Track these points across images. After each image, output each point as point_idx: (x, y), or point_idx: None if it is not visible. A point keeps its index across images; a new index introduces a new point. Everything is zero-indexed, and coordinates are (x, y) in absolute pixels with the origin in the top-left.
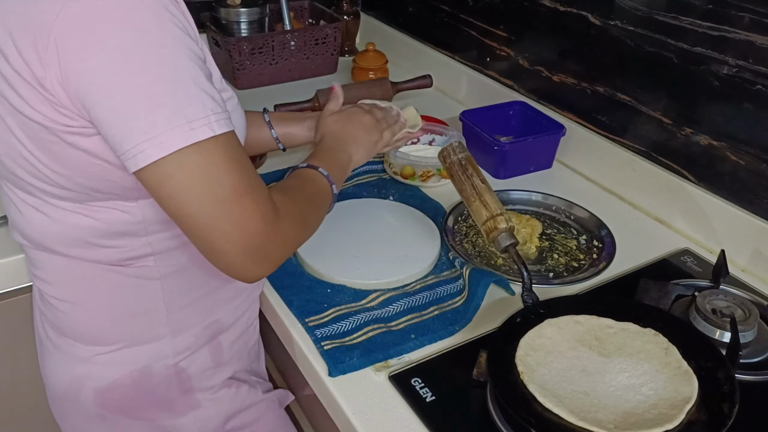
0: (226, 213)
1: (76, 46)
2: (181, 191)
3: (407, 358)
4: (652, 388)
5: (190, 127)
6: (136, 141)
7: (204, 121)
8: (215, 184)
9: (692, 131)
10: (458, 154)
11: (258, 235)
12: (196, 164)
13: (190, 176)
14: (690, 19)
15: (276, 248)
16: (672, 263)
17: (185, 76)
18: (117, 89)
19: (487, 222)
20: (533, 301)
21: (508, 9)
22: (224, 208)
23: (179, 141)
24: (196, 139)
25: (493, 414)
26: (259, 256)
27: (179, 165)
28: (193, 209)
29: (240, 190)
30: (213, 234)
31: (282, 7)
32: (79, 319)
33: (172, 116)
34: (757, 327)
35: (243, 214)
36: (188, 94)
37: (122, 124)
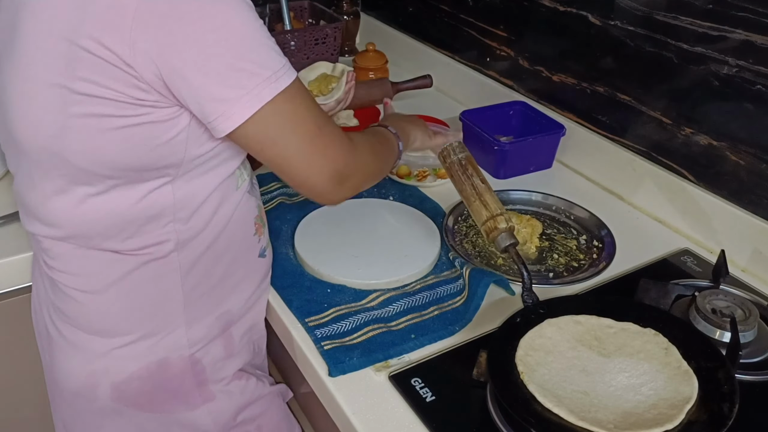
0: (316, 146)
1: (160, 23)
2: (281, 135)
3: (407, 358)
4: (652, 388)
5: (276, 77)
6: (236, 96)
7: (283, 70)
8: (303, 122)
9: (692, 131)
10: (458, 154)
11: (340, 161)
12: (287, 109)
13: (284, 120)
14: (690, 19)
15: (356, 173)
16: (672, 263)
17: (261, 33)
18: (208, 55)
19: (487, 222)
20: (533, 301)
21: (508, 9)
22: (314, 142)
23: (271, 91)
24: (283, 86)
25: (493, 414)
26: (344, 179)
27: (274, 112)
28: (291, 149)
29: (320, 123)
30: (310, 166)
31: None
32: (98, 309)
33: (260, 69)
34: (757, 327)
35: (327, 145)
36: (267, 48)
37: (218, 86)
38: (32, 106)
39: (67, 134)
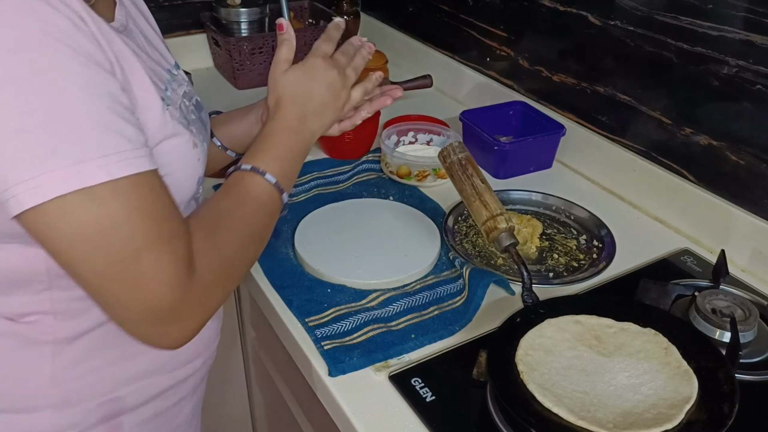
0: (120, 274)
1: None
2: (67, 246)
3: (407, 358)
4: (652, 387)
5: (77, 169)
6: (8, 184)
7: (100, 162)
8: (108, 236)
9: (692, 131)
10: (458, 154)
11: (162, 302)
12: (85, 212)
13: (77, 228)
14: (690, 19)
15: (191, 313)
16: (672, 263)
17: (75, 107)
18: None
19: (487, 222)
20: (533, 301)
21: (508, 9)
22: (118, 269)
23: (60, 186)
24: (82, 184)
25: (493, 414)
26: (167, 324)
27: (63, 214)
28: (81, 269)
29: (139, 246)
30: (107, 296)
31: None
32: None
33: (52, 155)
34: (757, 327)
35: (141, 276)
36: (78, 129)
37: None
38: None
39: None
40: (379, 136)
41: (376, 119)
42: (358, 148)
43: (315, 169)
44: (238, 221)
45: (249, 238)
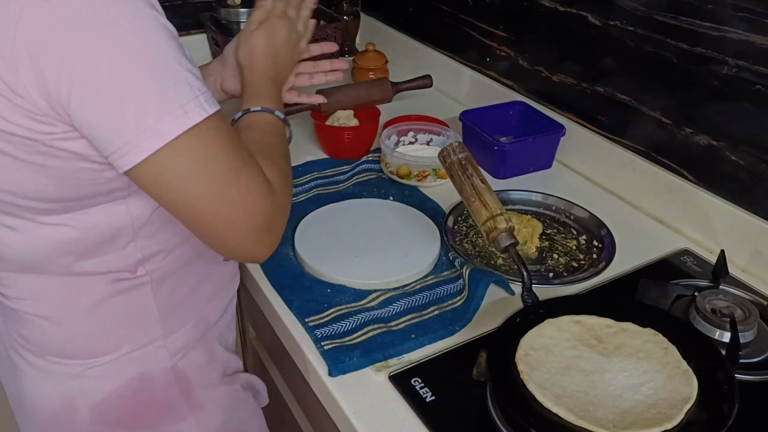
0: (227, 195)
1: (48, 48)
2: (180, 181)
3: (407, 358)
4: (652, 387)
5: (183, 111)
6: (128, 137)
7: (195, 102)
8: (213, 164)
9: (692, 131)
10: (458, 154)
11: (260, 213)
12: (193, 149)
13: (188, 163)
14: (690, 19)
15: (277, 220)
16: (672, 263)
17: (168, 59)
18: (99, 86)
19: (487, 222)
20: (533, 301)
21: (508, 9)
22: (224, 190)
23: (175, 128)
24: (191, 123)
25: (493, 414)
26: (264, 234)
27: (175, 153)
28: (193, 198)
29: (235, 167)
30: (215, 222)
31: None
32: (68, 334)
33: (163, 103)
34: (756, 327)
35: (243, 195)
36: (175, 77)
37: (110, 121)
38: None
39: None
40: (379, 136)
41: (376, 119)
42: (358, 148)
43: (315, 170)
44: (274, 146)
45: (283, 157)
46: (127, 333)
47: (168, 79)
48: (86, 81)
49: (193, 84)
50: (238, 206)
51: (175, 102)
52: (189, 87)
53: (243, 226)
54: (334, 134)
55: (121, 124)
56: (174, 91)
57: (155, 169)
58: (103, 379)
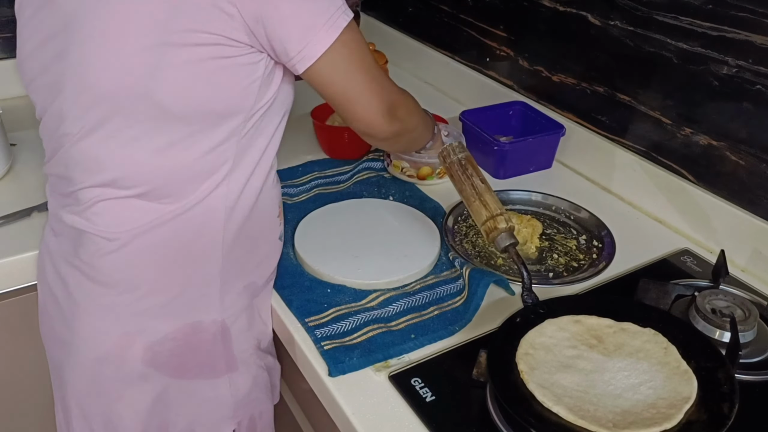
0: (370, 79)
1: None
2: (340, 76)
3: (407, 358)
4: (651, 387)
5: (342, 10)
6: (317, 29)
7: (339, 11)
8: (363, 54)
9: (692, 131)
10: (458, 154)
11: (390, 94)
12: (353, 41)
13: (351, 52)
14: (690, 19)
15: (403, 109)
16: (672, 263)
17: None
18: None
19: (487, 222)
20: (533, 301)
21: (508, 9)
22: (371, 74)
23: (342, 21)
24: (340, 28)
25: (493, 414)
26: (391, 113)
27: (343, 45)
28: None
29: (372, 59)
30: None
31: None
32: (135, 261)
33: (322, 14)
34: (756, 327)
35: (379, 78)
36: None
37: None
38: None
39: (158, 76)
40: None
41: None
42: (358, 148)
43: (315, 169)
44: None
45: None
46: (189, 276)
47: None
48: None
49: None
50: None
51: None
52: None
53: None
54: (334, 134)
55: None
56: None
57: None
58: (161, 320)
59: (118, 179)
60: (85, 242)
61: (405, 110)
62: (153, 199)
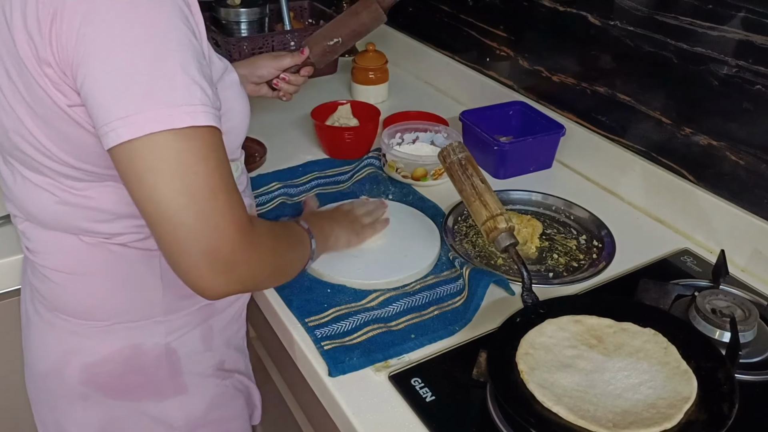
0: (197, 206)
1: (73, 16)
2: (149, 173)
3: (407, 358)
4: (651, 387)
5: (169, 112)
6: (110, 118)
7: (187, 109)
8: (190, 172)
9: (692, 131)
10: (458, 154)
11: (228, 241)
12: (171, 149)
13: (163, 159)
14: (690, 19)
15: (245, 264)
16: (672, 263)
17: (174, 59)
18: (100, 63)
19: (487, 222)
20: (533, 301)
21: (508, 9)
22: (195, 200)
23: (154, 124)
24: (172, 125)
25: (493, 414)
26: (226, 266)
27: (151, 147)
28: (160, 194)
29: (214, 186)
30: (178, 228)
31: (282, 7)
32: (74, 291)
33: (149, 98)
34: (756, 327)
35: (215, 213)
36: (173, 78)
37: (101, 99)
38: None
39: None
40: (380, 135)
41: (376, 119)
42: (358, 148)
43: (315, 169)
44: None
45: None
46: (129, 302)
47: (166, 78)
48: (92, 55)
49: (193, 92)
50: (206, 221)
51: (164, 102)
52: (187, 92)
53: (205, 246)
54: (335, 134)
55: (108, 104)
56: (167, 91)
57: (128, 155)
58: (98, 341)
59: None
60: (31, 266)
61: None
62: (77, 233)
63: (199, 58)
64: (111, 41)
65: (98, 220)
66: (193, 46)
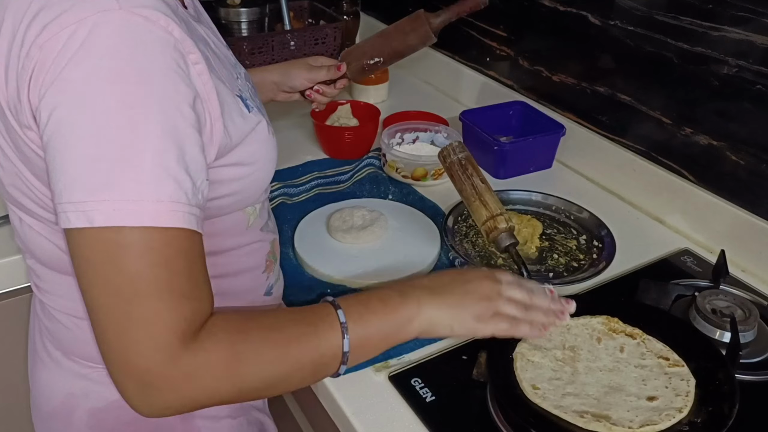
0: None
1: (50, 78)
2: (86, 268)
3: (407, 358)
4: (652, 387)
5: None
6: (61, 199)
7: (149, 206)
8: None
9: (692, 131)
10: (458, 153)
11: (144, 359)
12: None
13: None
14: (690, 19)
15: (172, 386)
16: (672, 263)
17: (146, 149)
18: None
19: (487, 222)
20: None
21: (508, 9)
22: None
23: (101, 218)
24: (121, 222)
25: (493, 414)
26: (143, 388)
27: (93, 242)
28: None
29: (141, 290)
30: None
31: (282, 7)
32: (82, 335)
33: (107, 188)
34: (757, 327)
35: (131, 324)
36: (141, 170)
37: (56, 174)
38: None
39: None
40: (380, 135)
41: (376, 119)
42: (358, 148)
43: (315, 169)
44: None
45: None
46: None
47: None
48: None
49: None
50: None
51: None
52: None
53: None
54: (335, 134)
55: (61, 182)
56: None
57: (72, 243)
58: (106, 386)
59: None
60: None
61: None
62: None
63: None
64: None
65: None
66: (178, 130)
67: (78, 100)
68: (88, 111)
